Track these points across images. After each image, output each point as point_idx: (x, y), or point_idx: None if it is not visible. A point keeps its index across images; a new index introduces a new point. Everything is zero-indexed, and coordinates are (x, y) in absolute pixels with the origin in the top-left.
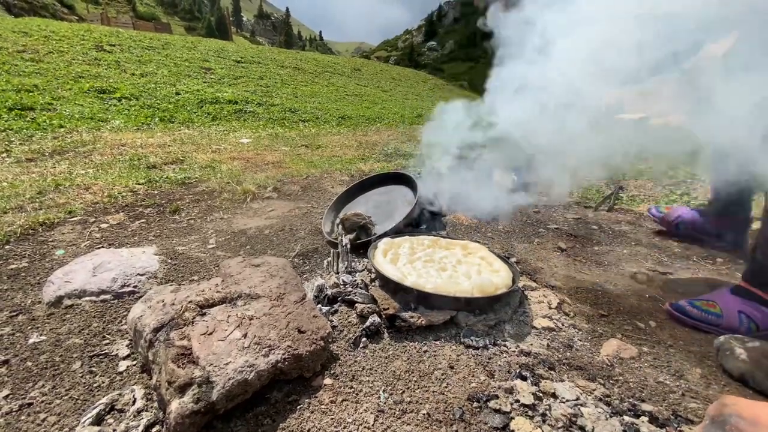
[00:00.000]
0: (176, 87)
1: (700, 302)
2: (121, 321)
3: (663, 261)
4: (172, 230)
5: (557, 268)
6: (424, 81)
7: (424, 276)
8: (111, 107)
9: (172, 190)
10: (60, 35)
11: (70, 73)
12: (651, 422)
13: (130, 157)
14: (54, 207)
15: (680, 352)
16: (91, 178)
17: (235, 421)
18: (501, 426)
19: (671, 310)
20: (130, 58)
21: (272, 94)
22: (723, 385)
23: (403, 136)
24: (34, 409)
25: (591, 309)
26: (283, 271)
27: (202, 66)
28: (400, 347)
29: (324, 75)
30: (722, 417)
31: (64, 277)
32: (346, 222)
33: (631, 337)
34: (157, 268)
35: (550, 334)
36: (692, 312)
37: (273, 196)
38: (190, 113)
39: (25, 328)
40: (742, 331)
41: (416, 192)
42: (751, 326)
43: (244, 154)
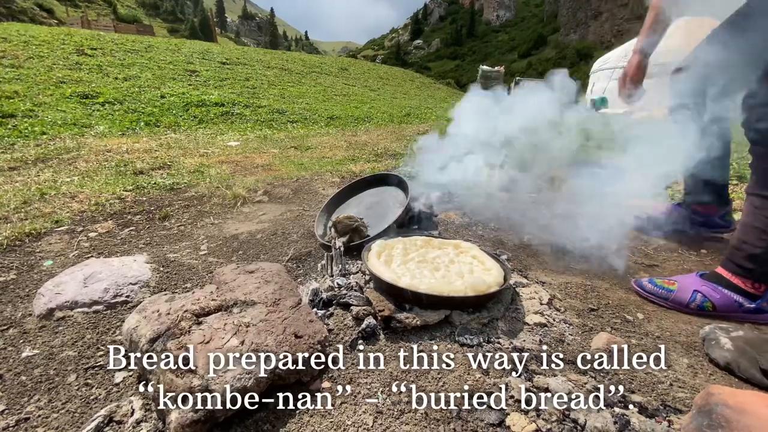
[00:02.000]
0: (161, 90)
1: (662, 280)
2: (115, 332)
3: (649, 254)
4: (163, 237)
5: (547, 264)
6: (412, 79)
7: (417, 276)
8: (94, 112)
9: (160, 196)
10: (40, 40)
11: (51, 78)
12: (640, 412)
13: (116, 164)
14: (40, 217)
15: (668, 343)
16: (77, 185)
17: (234, 427)
18: (497, 422)
19: (633, 285)
20: (113, 62)
21: (259, 96)
22: (709, 374)
23: (393, 136)
24: (32, 423)
25: (581, 303)
26: (277, 277)
27: (187, 68)
28: (396, 348)
29: (311, 75)
30: (708, 406)
31: (54, 288)
32: (339, 225)
33: (620, 330)
34: (149, 276)
35: (542, 330)
36: (647, 287)
37: (264, 199)
38: (176, 117)
39: (17, 341)
40: (692, 307)
41: (408, 193)
42: (705, 305)
43: (232, 157)
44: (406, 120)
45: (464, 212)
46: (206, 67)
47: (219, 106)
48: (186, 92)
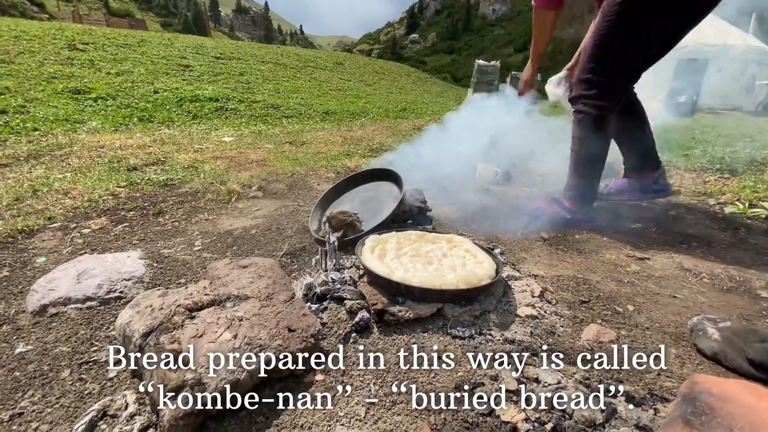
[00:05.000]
0: (154, 85)
1: None
2: (108, 327)
3: (641, 246)
4: (157, 233)
5: (540, 258)
6: (408, 74)
7: (411, 270)
8: (87, 108)
9: (154, 192)
10: (31, 35)
11: (42, 73)
12: (628, 401)
13: (109, 160)
14: (33, 213)
15: (656, 333)
16: (70, 182)
17: (228, 420)
18: (487, 412)
19: None
20: (105, 57)
21: (254, 91)
22: (697, 364)
23: (388, 131)
24: (26, 418)
25: (572, 296)
26: (271, 272)
27: (180, 63)
28: (389, 341)
29: (306, 70)
30: (693, 394)
31: (47, 285)
32: (333, 220)
33: (610, 322)
34: (143, 272)
35: (533, 322)
36: None
37: (258, 195)
38: (170, 112)
39: (10, 338)
40: None
41: (402, 188)
42: None
43: (227, 153)
44: (401, 115)
45: (459, 207)
46: (200, 61)
47: (213, 101)
48: (180, 87)
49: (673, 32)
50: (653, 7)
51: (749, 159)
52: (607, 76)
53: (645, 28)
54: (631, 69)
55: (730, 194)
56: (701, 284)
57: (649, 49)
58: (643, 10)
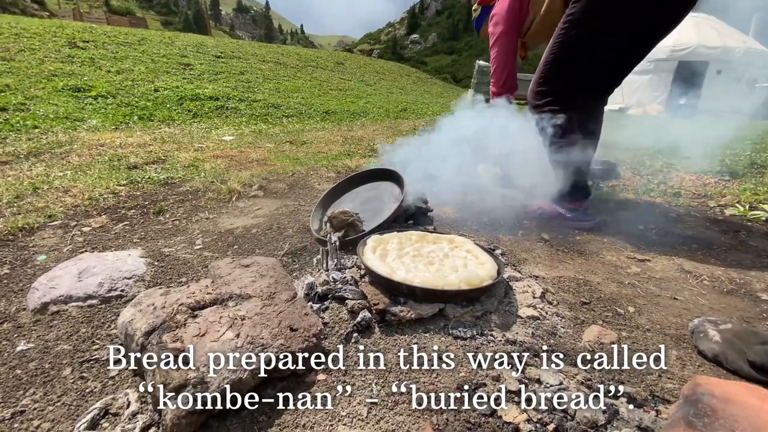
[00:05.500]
0: (154, 84)
1: None
2: (110, 326)
3: (642, 248)
4: (157, 232)
5: (541, 259)
6: (408, 74)
7: (412, 271)
8: (87, 106)
9: (155, 191)
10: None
11: (42, 71)
12: (629, 403)
13: (109, 158)
14: (33, 211)
15: (657, 335)
16: (70, 180)
17: (230, 418)
18: (489, 412)
19: None
20: (105, 55)
21: (254, 90)
22: (698, 365)
23: (389, 131)
24: (27, 416)
25: (573, 297)
26: (273, 271)
27: (181, 62)
28: (390, 341)
29: (306, 69)
30: (695, 396)
31: (48, 283)
32: (334, 220)
33: (611, 323)
34: (144, 270)
35: (534, 323)
36: None
37: (259, 194)
38: (170, 111)
39: (11, 336)
40: None
41: (403, 188)
42: None
43: (227, 151)
44: (402, 115)
45: (460, 208)
46: (200, 60)
47: (213, 100)
48: (180, 86)
49: (627, 44)
50: (597, 24)
51: (749, 161)
52: (557, 85)
53: (589, 43)
54: (585, 79)
55: (731, 196)
56: (702, 286)
57: (603, 60)
58: (587, 26)
